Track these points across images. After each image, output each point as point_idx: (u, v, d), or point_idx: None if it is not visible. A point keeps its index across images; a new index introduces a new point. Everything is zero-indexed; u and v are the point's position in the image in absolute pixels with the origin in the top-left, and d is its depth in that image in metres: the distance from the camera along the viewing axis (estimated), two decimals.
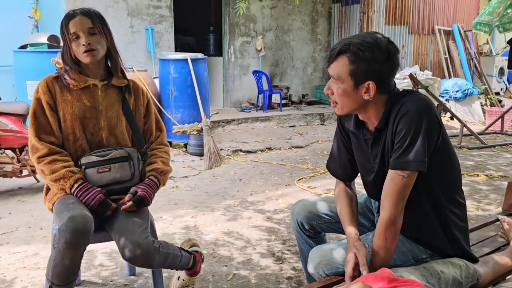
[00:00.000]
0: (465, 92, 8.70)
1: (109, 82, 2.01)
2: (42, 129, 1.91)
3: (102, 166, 1.93)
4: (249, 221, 3.42)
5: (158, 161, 2.07)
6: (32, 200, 3.79)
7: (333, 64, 1.54)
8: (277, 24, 8.47)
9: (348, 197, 1.86)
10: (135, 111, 2.10)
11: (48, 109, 1.92)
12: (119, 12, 6.83)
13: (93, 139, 1.99)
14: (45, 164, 1.87)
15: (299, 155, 5.72)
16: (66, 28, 1.88)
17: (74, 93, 1.95)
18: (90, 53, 1.88)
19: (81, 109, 1.95)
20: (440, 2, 9.50)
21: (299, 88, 9.00)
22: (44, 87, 1.93)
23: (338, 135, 1.88)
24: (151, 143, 2.14)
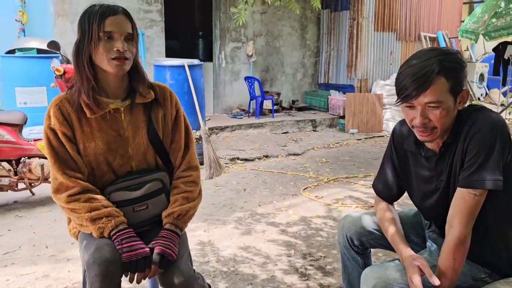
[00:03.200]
0: None
1: (133, 102, 1.69)
2: (64, 164, 1.61)
3: (138, 204, 1.69)
4: (264, 234, 3.31)
5: (179, 199, 1.72)
6: (31, 215, 3.57)
7: (430, 90, 1.44)
8: (267, 30, 8.40)
9: (395, 218, 1.83)
10: (163, 128, 1.77)
11: (67, 141, 1.61)
12: None
13: (121, 170, 1.70)
14: (80, 203, 1.58)
15: (298, 162, 5.64)
16: (99, 23, 1.53)
17: (94, 122, 1.64)
18: (122, 63, 1.57)
19: (104, 141, 1.65)
20: (426, 10, 9.64)
21: (289, 94, 8.95)
22: (59, 115, 1.60)
23: (390, 156, 1.84)
24: (178, 166, 1.80)
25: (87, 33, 1.56)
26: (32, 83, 5.09)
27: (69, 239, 3.12)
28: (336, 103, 8.29)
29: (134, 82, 1.71)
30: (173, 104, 1.81)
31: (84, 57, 1.59)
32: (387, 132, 7.80)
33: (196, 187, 1.81)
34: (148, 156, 1.75)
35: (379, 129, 7.90)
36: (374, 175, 5.07)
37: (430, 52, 1.49)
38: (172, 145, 1.81)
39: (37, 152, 3.67)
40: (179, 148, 1.81)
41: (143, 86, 1.72)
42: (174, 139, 1.81)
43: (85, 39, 1.57)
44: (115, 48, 1.56)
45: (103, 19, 1.55)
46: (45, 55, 5.19)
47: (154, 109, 1.76)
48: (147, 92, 1.72)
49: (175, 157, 1.81)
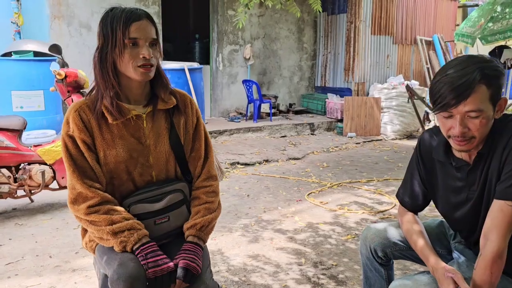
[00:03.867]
0: None
1: (155, 108, 1.63)
2: (83, 173, 1.53)
3: (160, 217, 1.61)
4: (272, 242, 3.25)
5: (201, 210, 1.67)
6: (31, 224, 3.47)
7: (471, 98, 1.39)
8: (265, 33, 8.35)
9: (422, 229, 1.78)
10: (184, 135, 1.71)
11: (86, 149, 1.54)
12: None
13: (141, 179, 1.63)
14: (100, 215, 1.50)
15: (299, 167, 5.59)
16: (124, 30, 1.46)
17: (115, 129, 1.57)
18: (148, 70, 1.52)
19: (125, 149, 1.58)
20: (421, 13, 9.67)
21: (286, 97, 8.91)
22: (79, 121, 1.53)
23: (416, 165, 1.80)
24: (198, 176, 1.74)
25: (110, 39, 1.49)
26: (28, 86, 5.00)
27: (73, 248, 3.03)
28: (333, 106, 8.26)
29: (156, 88, 1.65)
30: (193, 112, 1.75)
31: (109, 64, 1.52)
32: (385, 136, 7.79)
33: (217, 197, 1.77)
34: (169, 165, 1.69)
35: (377, 133, 7.89)
36: (376, 180, 5.13)
37: (468, 60, 1.44)
38: (192, 154, 1.75)
39: (37, 158, 3.58)
40: (199, 157, 1.75)
41: (165, 92, 1.65)
42: (194, 147, 1.75)
43: (108, 45, 1.50)
44: (141, 55, 1.50)
45: (128, 25, 1.48)
46: (42, 58, 5.09)
47: (175, 116, 1.70)
48: (169, 98, 1.66)
49: (195, 166, 1.76)
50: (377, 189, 4.63)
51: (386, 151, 6.72)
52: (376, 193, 4.51)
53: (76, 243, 3.12)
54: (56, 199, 4.00)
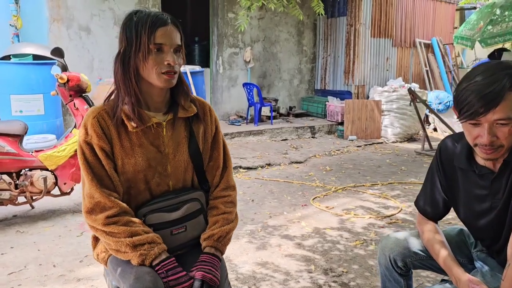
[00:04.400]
0: (447, 104, 8.86)
1: (176, 116, 1.57)
2: (101, 182, 1.47)
3: (177, 227, 1.56)
4: (280, 249, 3.19)
5: (219, 221, 1.62)
6: (33, 231, 3.39)
7: (500, 106, 1.34)
8: (265, 35, 8.31)
9: (443, 238, 1.74)
10: (203, 144, 1.65)
11: (104, 157, 1.47)
12: (105, 21, 6.45)
13: (158, 189, 1.57)
14: (119, 226, 1.44)
15: (302, 171, 5.54)
16: (149, 35, 1.41)
17: (134, 136, 1.51)
18: (172, 77, 1.46)
19: (144, 158, 1.52)
20: (420, 16, 9.67)
21: (286, 100, 8.86)
22: (97, 128, 1.47)
23: (436, 172, 1.75)
24: (216, 186, 1.68)
25: (134, 44, 1.43)
26: (28, 90, 4.92)
27: (77, 256, 2.96)
28: (334, 109, 8.22)
29: (177, 95, 1.59)
30: (212, 120, 1.71)
31: (132, 69, 1.46)
32: (386, 139, 7.76)
33: (234, 208, 1.72)
34: (186, 174, 1.63)
35: (377, 136, 7.86)
36: (381, 184, 5.08)
37: (495, 67, 1.40)
38: (210, 163, 1.70)
39: (39, 164, 3.50)
40: (218, 167, 1.70)
41: (186, 100, 1.60)
42: (212, 156, 1.70)
43: (131, 49, 1.44)
44: (166, 62, 1.45)
45: (154, 30, 1.42)
46: (42, 62, 5.02)
47: (195, 124, 1.64)
48: (189, 106, 1.61)
49: (213, 175, 1.70)
50: (382, 193, 4.58)
51: (388, 154, 6.68)
52: (382, 197, 4.46)
53: (80, 251, 3.04)
54: (57, 205, 3.93)
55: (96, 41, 6.38)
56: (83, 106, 3.61)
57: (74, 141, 3.60)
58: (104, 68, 6.44)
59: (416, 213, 1.90)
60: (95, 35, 6.36)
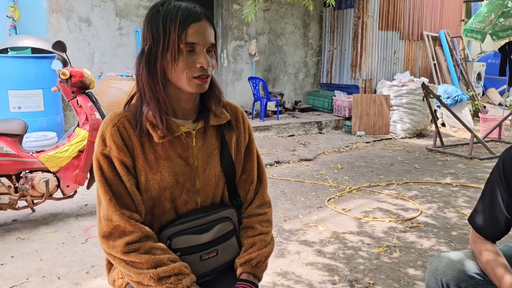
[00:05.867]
0: (455, 99, 8.64)
1: (207, 124, 1.36)
2: (120, 201, 1.25)
3: (207, 251, 1.35)
4: (299, 257, 2.99)
5: (256, 243, 1.41)
6: (34, 237, 3.17)
7: None
8: (270, 28, 8.06)
9: (505, 261, 1.53)
10: (235, 155, 1.44)
11: (125, 172, 1.26)
12: (107, 12, 6.19)
13: (185, 207, 1.35)
14: (141, 254, 1.22)
15: (312, 169, 5.33)
16: (180, 32, 1.19)
17: (160, 148, 1.29)
18: (205, 81, 1.25)
19: (171, 173, 1.30)
20: (428, 8, 9.43)
21: (291, 94, 8.64)
22: (118, 139, 1.25)
23: (498, 187, 1.54)
24: (250, 202, 1.48)
25: (161, 42, 1.21)
26: (26, 85, 4.67)
27: (83, 267, 2.75)
28: (341, 104, 8.01)
29: (208, 100, 1.36)
30: (246, 127, 1.48)
31: (158, 71, 1.24)
32: (395, 135, 7.56)
33: (271, 227, 1.50)
34: (217, 189, 1.41)
35: (386, 131, 7.65)
36: (396, 184, 4.88)
37: None
38: (243, 176, 1.48)
39: (40, 165, 3.28)
40: (252, 181, 1.49)
41: (217, 105, 1.37)
42: (245, 169, 1.48)
43: (158, 49, 1.22)
44: (199, 65, 1.22)
45: (185, 27, 1.19)
46: (41, 55, 4.78)
47: (227, 133, 1.42)
48: (221, 112, 1.38)
49: (246, 190, 1.49)
50: (399, 194, 4.38)
51: (399, 151, 6.48)
52: (399, 198, 4.26)
53: (85, 260, 2.83)
54: (59, 208, 3.71)
55: (97, 33, 6.13)
56: (86, 104, 3.38)
57: (77, 141, 3.37)
58: (106, 62, 6.20)
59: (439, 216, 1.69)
60: (95, 27, 6.11)
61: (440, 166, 5.55)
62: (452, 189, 4.59)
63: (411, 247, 3.17)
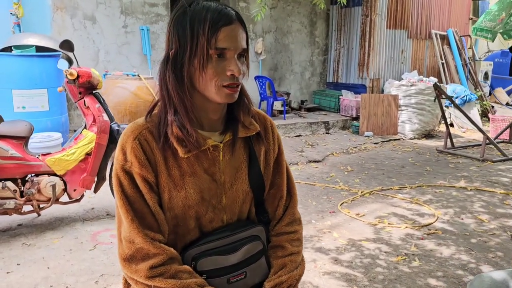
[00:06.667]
0: (464, 99, 8.52)
1: (236, 136, 1.24)
2: (142, 221, 1.15)
3: (235, 274, 1.23)
4: (315, 265, 2.88)
5: (287, 265, 1.29)
6: (40, 243, 3.07)
7: None
8: (277, 26, 7.94)
9: None
10: (263, 168, 1.32)
11: (148, 189, 1.15)
12: (112, 10, 6.07)
13: (210, 226, 1.24)
14: (166, 279, 1.12)
15: (322, 171, 5.22)
16: (210, 37, 1.07)
17: (185, 163, 1.17)
18: (235, 91, 1.13)
19: (197, 190, 1.19)
20: (436, 7, 9.30)
21: (297, 94, 8.52)
22: (140, 153, 1.14)
23: None
24: (279, 219, 1.36)
25: (188, 46, 1.09)
26: (31, 84, 4.56)
27: (92, 276, 2.64)
28: (348, 104, 7.89)
29: (236, 109, 1.23)
30: (275, 138, 1.36)
31: (186, 78, 1.12)
32: (403, 135, 7.44)
33: (301, 246, 1.38)
34: (244, 205, 1.29)
35: (394, 132, 7.54)
36: (409, 187, 4.76)
37: None
38: (272, 191, 1.36)
39: (46, 168, 3.17)
40: (281, 196, 1.36)
41: (246, 115, 1.25)
42: (274, 183, 1.36)
43: (185, 54, 1.10)
44: (229, 72, 1.10)
45: (216, 31, 1.07)
46: (46, 54, 4.66)
47: (256, 145, 1.30)
48: (250, 123, 1.26)
49: (275, 206, 1.37)
50: (413, 198, 4.27)
51: (409, 152, 6.37)
52: (413, 203, 4.15)
53: (94, 269, 2.73)
54: (65, 212, 3.60)
55: (102, 31, 6.01)
56: (94, 105, 3.27)
57: (85, 144, 3.26)
58: (111, 61, 6.08)
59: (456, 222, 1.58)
60: (100, 24, 5.98)
61: (452, 169, 5.43)
62: (467, 193, 4.47)
63: (430, 256, 3.06)
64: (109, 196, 3.62)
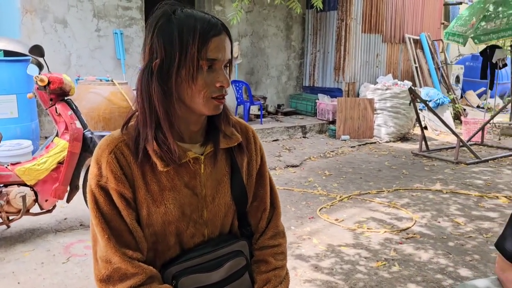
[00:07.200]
0: (437, 102, 8.67)
1: (217, 147, 1.19)
2: (119, 239, 1.09)
3: None
4: (296, 274, 2.84)
5: (271, 280, 1.26)
6: (10, 257, 2.93)
7: None
8: (253, 30, 7.91)
9: None
10: (246, 180, 1.27)
11: (124, 205, 1.09)
12: (84, 13, 5.93)
13: (191, 241, 1.18)
14: None
15: (300, 176, 5.21)
16: (201, 47, 1.02)
17: (164, 177, 1.12)
18: (222, 102, 1.11)
19: (177, 205, 1.13)
20: (409, 12, 9.46)
21: (274, 98, 8.51)
22: (115, 167, 1.07)
23: None
24: (262, 232, 1.31)
25: (177, 56, 1.03)
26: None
27: None
28: (325, 107, 7.92)
29: (217, 119, 1.19)
30: (257, 148, 1.31)
31: (173, 89, 1.06)
32: (379, 138, 7.52)
33: (286, 260, 1.34)
34: (226, 219, 1.24)
35: (370, 135, 7.60)
36: (386, 191, 4.80)
37: None
38: (255, 203, 1.31)
39: (16, 178, 3.04)
40: (264, 208, 1.32)
41: (227, 125, 1.21)
42: (257, 195, 1.31)
43: (172, 64, 1.04)
44: (219, 84, 1.06)
45: (207, 41, 1.03)
46: (15, 58, 4.50)
47: (238, 155, 1.25)
48: (232, 133, 1.21)
49: (258, 218, 1.32)
50: (390, 202, 4.29)
51: (385, 156, 6.42)
52: (391, 207, 4.18)
53: (68, 283, 2.62)
54: (36, 223, 3.46)
55: (74, 35, 5.85)
56: (66, 112, 3.15)
57: (56, 152, 3.14)
58: (83, 65, 5.92)
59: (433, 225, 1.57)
60: (72, 28, 5.83)
61: (428, 172, 5.50)
62: (443, 196, 4.53)
63: (409, 260, 3.07)
64: (82, 205, 3.50)
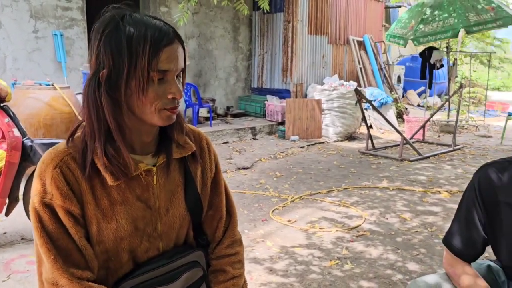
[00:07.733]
0: (381, 102, 8.99)
1: (170, 158, 1.14)
2: (67, 259, 1.01)
3: None
4: (251, 277, 2.82)
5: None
6: None
7: None
8: (200, 31, 7.83)
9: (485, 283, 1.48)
10: (201, 189, 1.24)
11: (72, 223, 1.02)
12: (19, 13, 5.60)
13: (145, 255, 1.14)
14: None
15: (251, 178, 5.20)
16: (151, 58, 0.97)
17: (115, 191, 1.06)
18: (174, 113, 1.06)
19: (129, 219, 1.08)
20: (353, 14, 9.74)
21: (223, 100, 8.47)
22: (61, 183, 1.01)
23: (473, 207, 1.49)
24: (219, 241, 1.29)
25: (126, 67, 0.97)
26: None
27: None
28: (274, 109, 7.98)
29: (169, 128, 1.14)
30: (211, 156, 1.28)
31: (124, 103, 1.01)
32: (327, 138, 7.67)
33: (243, 268, 1.33)
34: (181, 230, 1.21)
35: (318, 135, 7.75)
36: (336, 190, 4.91)
37: None
38: (210, 212, 1.28)
39: None
40: (220, 217, 1.30)
41: (180, 134, 1.16)
42: (213, 204, 1.28)
43: (121, 75, 0.98)
44: (171, 96, 1.02)
45: (158, 51, 0.97)
46: None
47: (191, 164, 1.21)
48: (185, 141, 1.17)
49: (214, 227, 1.29)
50: (341, 201, 4.38)
51: (333, 155, 6.56)
52: (341, 205, 4.26)
53: None
54: None
55: (9, 37, 5.52)
56: (3, 120, 2.96)
57: None
58: (20, 68, 5.60)
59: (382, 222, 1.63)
60: (7, 29, 5.50)
61: (374, 170, 5.68)
62: (390, 193, 4.68)
63: (361, 258, 3.14)
64: (23, 218, 3.29)
